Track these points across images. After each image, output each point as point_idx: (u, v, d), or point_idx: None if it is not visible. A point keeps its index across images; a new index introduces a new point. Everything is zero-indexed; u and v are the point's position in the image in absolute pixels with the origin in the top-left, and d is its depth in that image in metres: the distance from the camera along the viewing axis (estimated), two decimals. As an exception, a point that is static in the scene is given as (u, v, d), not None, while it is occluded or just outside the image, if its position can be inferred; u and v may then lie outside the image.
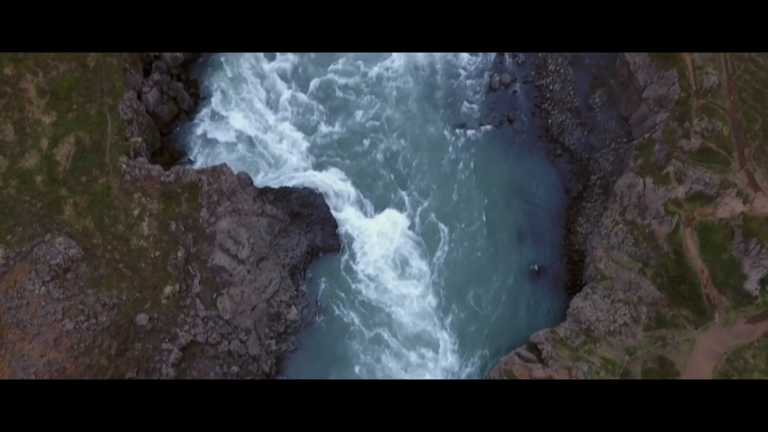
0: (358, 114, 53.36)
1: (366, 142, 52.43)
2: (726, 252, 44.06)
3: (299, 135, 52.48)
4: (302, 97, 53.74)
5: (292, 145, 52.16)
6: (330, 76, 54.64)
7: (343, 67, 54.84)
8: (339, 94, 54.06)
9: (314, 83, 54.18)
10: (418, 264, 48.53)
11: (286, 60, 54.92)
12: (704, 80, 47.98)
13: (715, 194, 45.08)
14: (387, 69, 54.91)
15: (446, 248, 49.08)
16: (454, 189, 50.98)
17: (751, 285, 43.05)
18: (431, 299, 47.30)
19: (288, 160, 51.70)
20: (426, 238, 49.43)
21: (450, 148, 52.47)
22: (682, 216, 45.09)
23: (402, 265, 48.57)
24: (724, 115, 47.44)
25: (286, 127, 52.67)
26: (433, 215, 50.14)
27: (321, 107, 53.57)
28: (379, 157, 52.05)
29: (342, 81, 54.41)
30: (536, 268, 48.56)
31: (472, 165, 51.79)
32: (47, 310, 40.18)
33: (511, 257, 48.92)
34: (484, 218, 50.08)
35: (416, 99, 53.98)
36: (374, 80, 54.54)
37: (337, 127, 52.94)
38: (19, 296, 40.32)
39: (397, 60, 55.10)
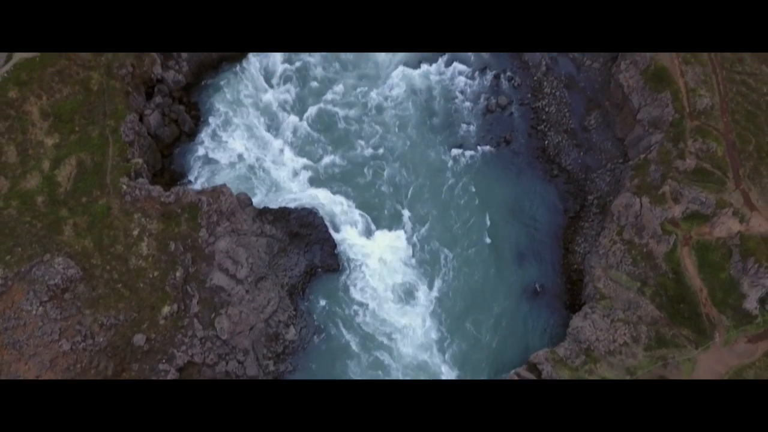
0: (358, 139, 53.96)
1: (366, 165, 52.93)
2: (724, 271, 44.13)
3: (299, 158, 53.00)
4: (302, 122, 54.41)
5: (292, 169, 52.63)
6: (329, 102, 55.36)
7: (342, 95, 55.60)
8: (339, 121, 54.66)
9: (314, 109, 54.85)
10: (418, 291, 48.41)
11: (287, 91, 55.70)
12: (697, 102, 48.82)
13: (712, 214, 45.41)
14: (386, 98, 55.60)
15: (446, 273, 48.99)
16: (453, 211, 51.21)
17: (751, 304, 43.01)
18: (431, 330, 46.83)
19: (288, 182, 52.13)
20: (425, 262, 49.45)
21: (449, 171, 52.95)
22: (680, 235, 45.33)
23: (401, 291, 48.42)
24: (717, 136, 48.14)
25: (286, 151, 53.25)
26: (432, 237, 50.23)
27: (320, 131, 54.22)
28: (379, 178, 52.46)
29: (341, 108, 55.09)
30: (536, 288, 48.51)
31: (470, 187, 52.19)
32: (44, 330, 39.95)
33: (510, 279, 48.90)
34: (483, 240, 50.21)
35: (415, 123, 54.67)
36: (373, 106, 55.29)
37: (336, 151, 53.48)
38: (16, 317, 40.14)
39: (396, 88, 55.88)
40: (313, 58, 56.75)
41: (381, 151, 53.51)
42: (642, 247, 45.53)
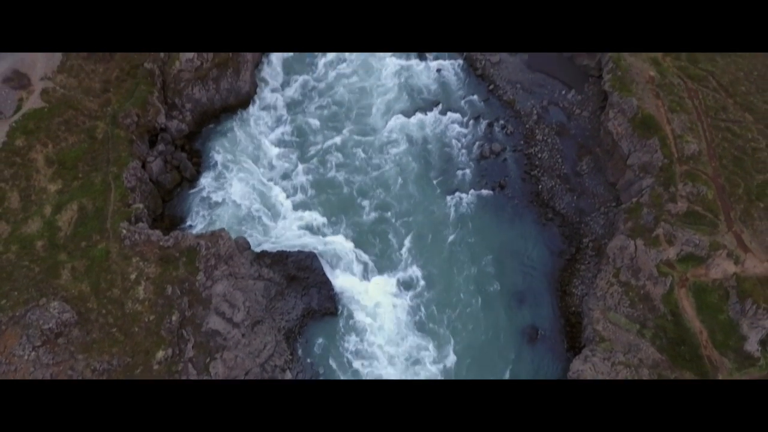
0: (357, 188, 54.92)
1: (364, 211, 53.72)
2: (723, 313, 44.01)
3: (297, 203, 53.86)
4: (300, 171, 55.62)
5: (290, 214, 53.33)
6: (327, 149, 56.88)
7: (340, 142, 57.22)
8: (338, 168, 55.76)
9: (313, 156, 56.31)
10: (416, 340, 47.71)
11: (286, 141, 57.24)
12: (685, 148, 50.29)
13: (706, 255, 45.78)
14: (383, 146, 57.09)
15: (444, 322, 48.38)
16: (451, 258, 51.41)
17: (752, 346, 42.62)
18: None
19: (286, 227, 52.69)
20: (423, 310, 49.12)
21: (446, 217, 53.64)
22: (676, 277, 45.49)
23: (398, 339, 47.79)
24: (707, 180, 49.28)
25: (285, 197, 54.13)
26: (430, 285, 50.16)
27: (318, 178, 55.35)
28: (377, 225, 53.09)
29: (340, 155, 56.54)
30: (535, 333, 48.07)
31: (467, 231, 52.73)
32: (35, 376, 39.21)
33: (510, 325, 48.52)
34: (481, 286, 50.13)
35: (413, 171, 55.82)
36: (371, 154, 56.70)
37: (334, 197, 54.39)
38: (8, 362, 39.51)
39: (394, 139, 57.46)
40: (313, 120, 58.70)
41: (378, 197, 54.41)
42: (639, 289, 45.57)
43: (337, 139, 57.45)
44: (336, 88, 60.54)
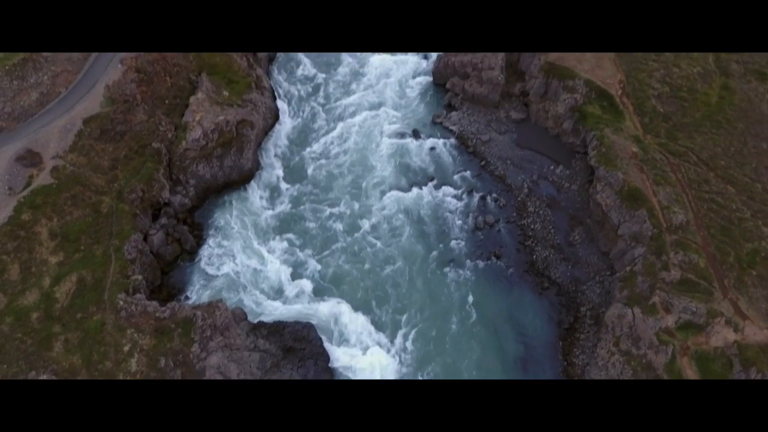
0: (355, 259, 55.78)
1: (363, 284, 54.07)
2: (728, 382, 43.09)
3: (296, 276, 54.27)
4: (300, 244, 56.78)
5: (287, 285, 53.59)
6: (327, 224, 58.35)
7: (339, 216, 58.85)
8: (337, 241, 56.98)
9: (312, 230, 57.74)
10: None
11: (286, 215, 58.90)
12: (673, 218, 51.78)
13: (705, 323, 45.62)
14: (380, 219, 58.68)
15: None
16: (450, 331, 51.10)
17: (762, 417, 41.28)
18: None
19: (283, 300, 52.69)
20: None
21: (444, 288, 53.95)
22: (677, 345, 45.00)
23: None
24: (697, 248, 50.25)
25: (283, 269, 54.67)
26: (429, 359, 49.46)
27: (317, 250, 56.29)
28: (376, 297, 53.28)
29: (339, 229, 57.95)
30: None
31: (466, 303, 52.80)
32: (16, 454, 37.32)
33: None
34: (482, 360, 49.36)
35: (410, 243, 56.97)
36: (369, 228, 58.09)
37: (333, 271, 55.00)
38: (-11, 439, 37.80)
39: (391, 213, 59.34)
40: (312, 191, 60.88)
41: (376, 269, 55.03)
42: (641, 358, 44.87)
43: (336, 212, 59.06)
44: (335, 164, 63.22)
